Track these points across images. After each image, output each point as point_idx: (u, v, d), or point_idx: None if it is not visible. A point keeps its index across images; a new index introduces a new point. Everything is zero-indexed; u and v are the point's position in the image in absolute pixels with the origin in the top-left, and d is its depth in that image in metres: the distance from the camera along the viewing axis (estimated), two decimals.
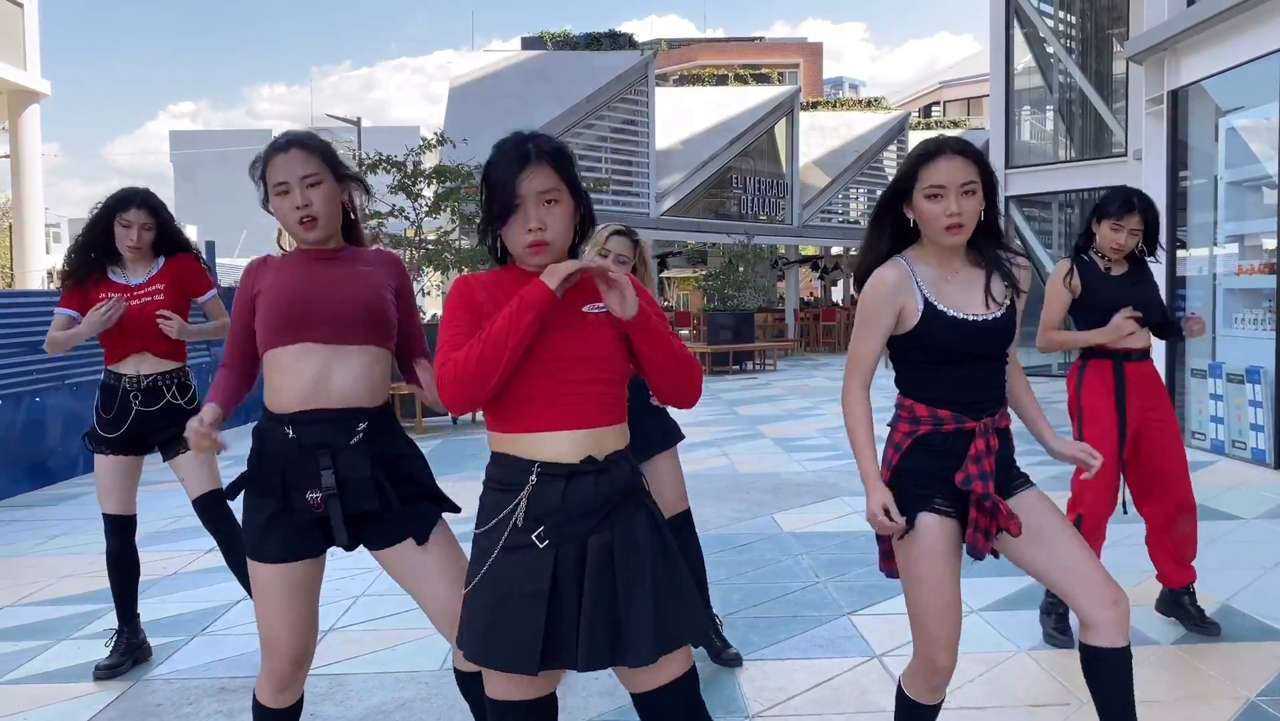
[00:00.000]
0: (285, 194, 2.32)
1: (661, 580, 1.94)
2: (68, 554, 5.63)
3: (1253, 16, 7.46)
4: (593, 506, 1.92)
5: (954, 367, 2.34)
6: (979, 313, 2.32)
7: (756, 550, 5.32)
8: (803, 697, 3.35)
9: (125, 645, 3.76)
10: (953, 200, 2.26)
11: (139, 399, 3.67)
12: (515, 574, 1.91)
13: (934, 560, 2.30)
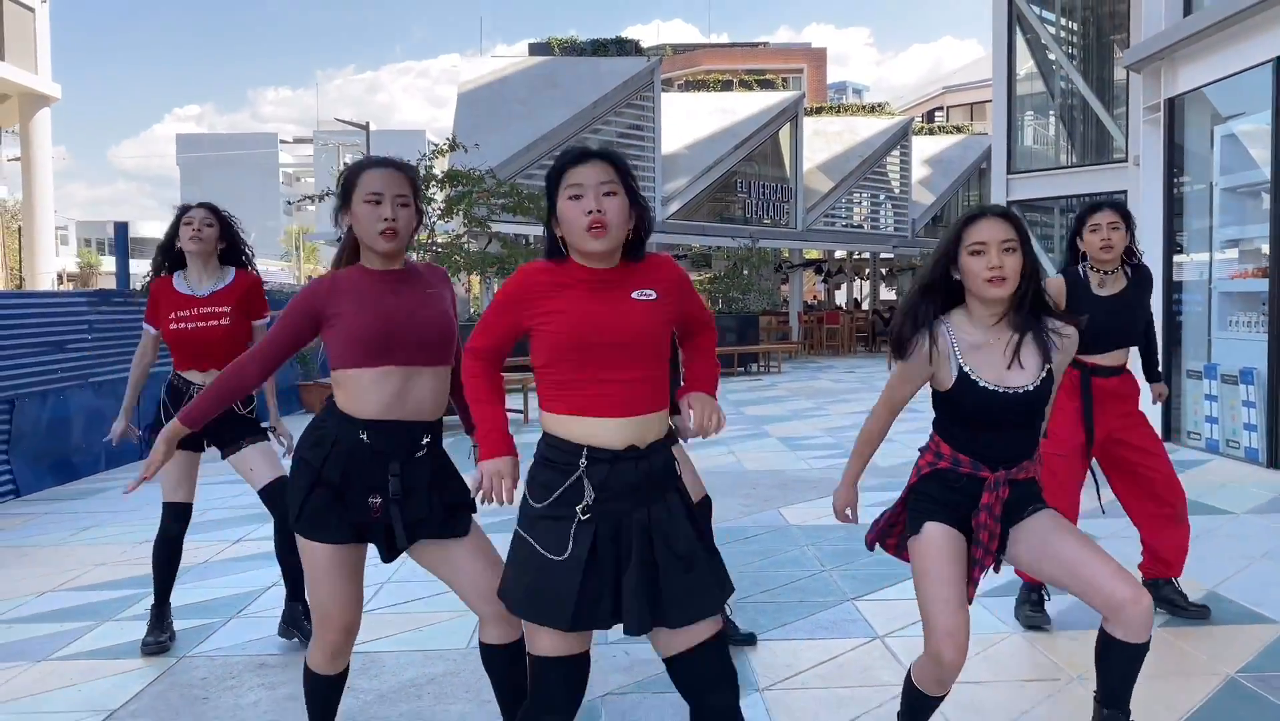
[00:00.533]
0: (376, 204, 2.45)
1: (699, 552, 2.17)
2: (100, 544, 5.84)
3: (1246, 27, 7.66)
4: (633, 487, 2.14)
5: (982, 429, 2.55)
6: (1014, 385, 2.50)
7: (764, 541, 5.53)
8: (809, 673, 3.57)
9: (155, 618, 3.96)
10: (994, 254, 2.47)
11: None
12: (557, 540, 2.13)
13: (939, 557, 2.51)
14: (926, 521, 2.55)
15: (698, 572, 2.15)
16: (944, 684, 2.59)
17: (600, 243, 2.12)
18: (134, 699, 3.46)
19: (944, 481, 2.59)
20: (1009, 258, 2.48)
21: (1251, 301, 7.95)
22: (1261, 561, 4.92)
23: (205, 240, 3.86)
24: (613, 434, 2.15)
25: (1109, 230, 3.80)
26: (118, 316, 9.38)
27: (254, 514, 6.37)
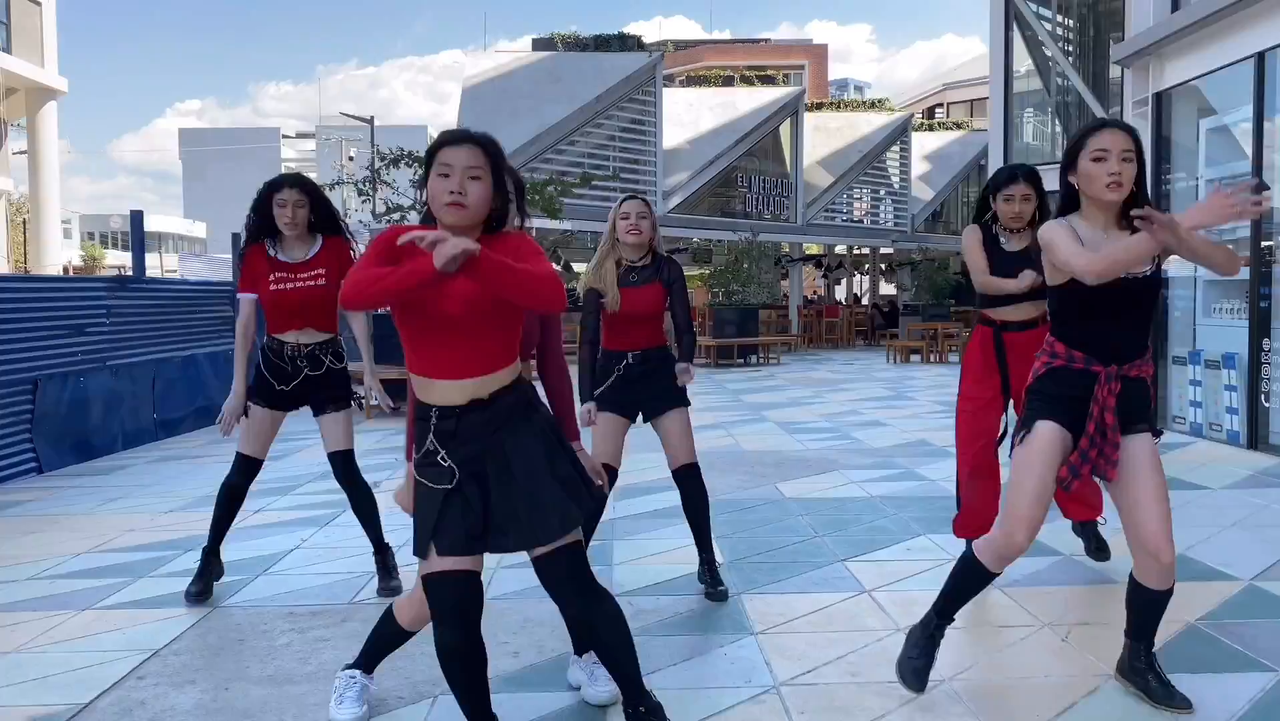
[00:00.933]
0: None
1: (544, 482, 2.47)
2: (128, 513, 6.12)
3: (1230, 24, 7.93)
4: (482, 432, 2.46)
5: (1096, 318, 2.84)
6: (1132, 272, 2.77)
7: (760, 512, 5.81)
8: (801, 620, 3.85)
9: (204, 564, 4.25)
10: (1114, 161, 2.76)
11: (305, 364, 4.15)
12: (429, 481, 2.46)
13: (1040, 456, 2.86)
14: (1039, 420, 2.88)
15: (555, 494, 2.45)
16: (1003, 561, 2.95)
17: (454, 218, 2.42)
18: (176, 640, 3.74)
19: (1059, 378, 2.89)
20: (1127, 166, 2.77)
21: (1233, 289, 8.22)
22: (1232, 529, 5.20)
23: (299, 224, 4.10)
24: (455, 394, 2.44)
25: (1021, 202, 4.07)
26: (135, 302, 9.66)
27: (273, 488, 6.65)
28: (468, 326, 2.40)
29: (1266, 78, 7.64)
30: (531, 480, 2.46)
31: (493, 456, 2.45)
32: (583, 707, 3.07)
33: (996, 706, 3.05)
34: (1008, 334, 4.16)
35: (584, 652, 3.11)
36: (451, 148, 2.44)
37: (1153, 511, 2.82)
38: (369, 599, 4.25)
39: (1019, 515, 2.86)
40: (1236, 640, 3.55)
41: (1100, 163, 2.78)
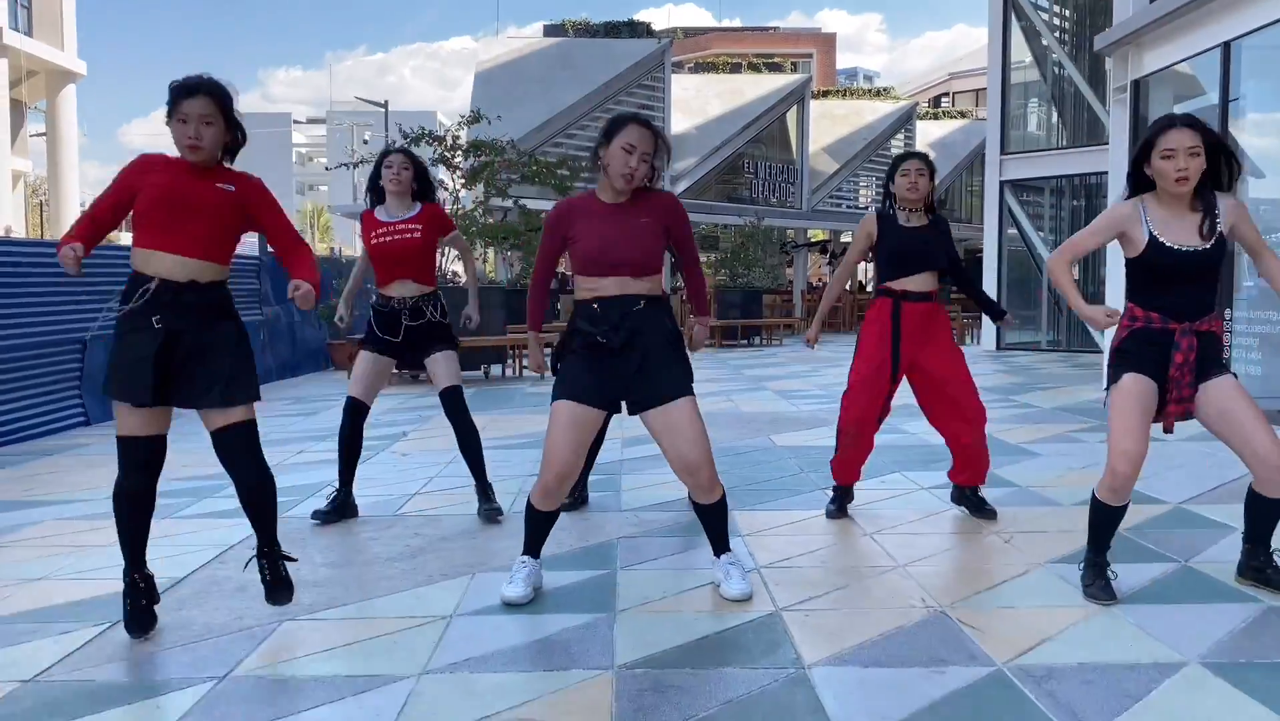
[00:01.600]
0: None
1: (240, 359, 3.14)
2: (181, 452, 6.68)
3: (1199, 15, 8.48)
4: (193, 314, 3.06)
5: (1167, 285, 3.31)
6: (1194, 245, 3.27)
7: (753, 456, 6.43)
8: (781, 528, 4.47)
9: (341, 501, 4.78)
10: (1181, 158, 3.22)
11: (408, 316, 4.70)
12: (140, 341, 3.03)
13: (1131, 398, 3.31)
14: (1125, 373, 3.35)
15: (226, 373, 3.09)
16: (1118, 493, 3.38)
17: (195, 157, 3.08)
18: (245, 539, 4.36)
19: (1140, 338, 3.36)
20: (1193, 161, 3.23)
21: None
22: (1177, 470, 5.79)
23: (403, 182, 4.70)
24: (178, 269, 3.05)
25: (915, 175, 4.41)
26: None
27: (312, 435, 7.27)
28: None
29: (1232, 66, 8.20)
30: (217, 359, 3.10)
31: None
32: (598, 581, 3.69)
33: (939, 584, 3.66)
34: (906, 303, 4.40)
35: (721, 555, 3.60)
36: (188, 99, 3.08)
37: (1259, 432, 3.27)
38: (412, 512, 4.88)
39: (1119, 450, 3.30)
40: (1150, 541, 4.17)
41: (1169, 160, 3.23)
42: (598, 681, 2.76)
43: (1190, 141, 3.23)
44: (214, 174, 3.16)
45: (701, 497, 3.51)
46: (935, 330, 4.46)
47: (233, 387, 3.10)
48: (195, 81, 3.10)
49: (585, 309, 3.46)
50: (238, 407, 3.13)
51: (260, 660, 2.95)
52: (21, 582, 3.76)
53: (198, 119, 3.06)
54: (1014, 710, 2.55)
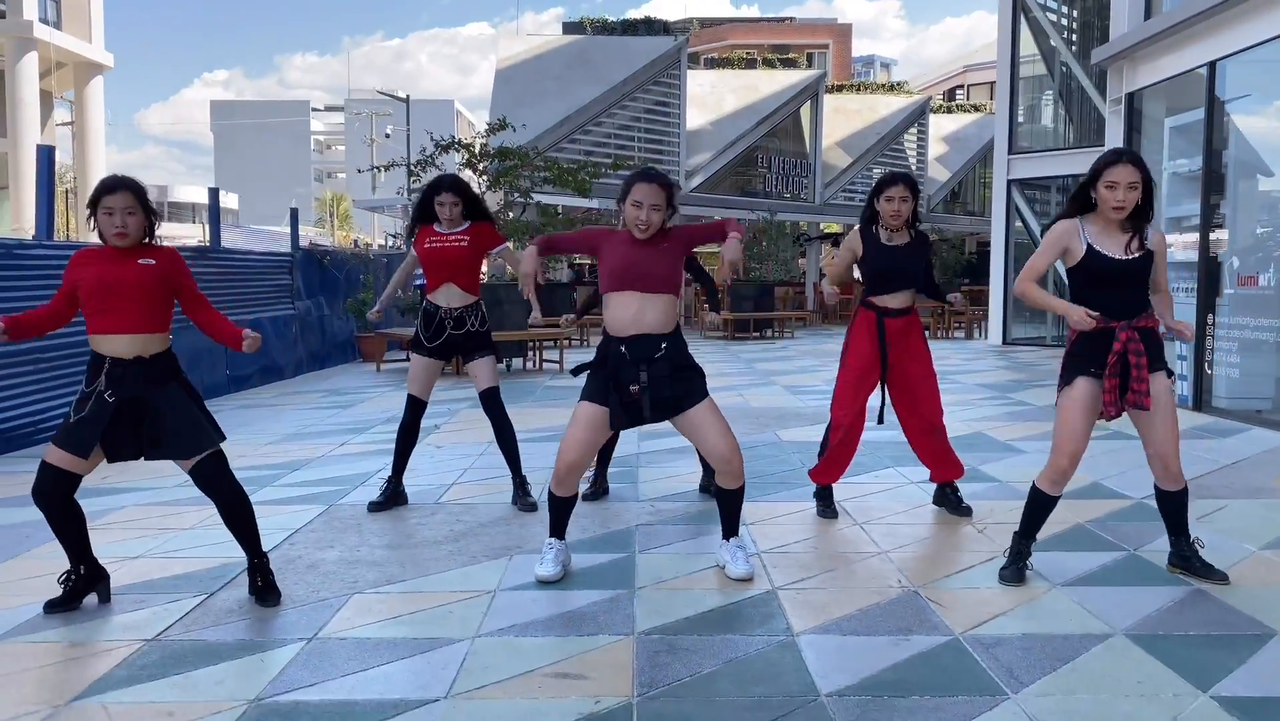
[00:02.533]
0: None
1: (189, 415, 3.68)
2: (234, 445, 7.31)
3: (1188, 35, 8.96)
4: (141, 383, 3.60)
5: (1102, 288, 3.83)
6: (1123, 256, 3.81)
7: (760, 450, 6.98)
8: (782, 518, 5.03)
9: (392, 491, 5.32)
10: (1122, 191, 3.76)
11: (451, 324, 5.23)
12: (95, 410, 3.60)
13: (1077, 405, 3.87)
14: (1076, 376, 3.89)
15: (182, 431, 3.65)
16: (1057, 485, 3.95)
17: (122, 243, 3.63)
18: (309, 524, 4.97)
19: (1087, 337, 3.81)
20: (1131, 193, 3.75)
21: (1186, 272, 9.28)
22: (1141, 469, 6.26)
23: (454, 217, 5.21)
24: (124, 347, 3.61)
25: (900, 203, 4.75)
26: (212, 269, 10.91)
27: (350, 428, 7.87)
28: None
29: (1216, 84, 8.67)
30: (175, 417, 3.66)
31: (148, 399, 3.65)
32: (614, 565, 4.26)
33: (915, 567, 4.22)
34: (888, 319, 4.85)
35: (728, 538, 4.15)
36: (109, 195, 3.64)
37: (1163, 432, 3.85)
38: (452, 500, 5.46)
39: (1064, 448, 3.87)
40: (1108, 532, 4.72)
41: (1111, 190, 3.77)
42: (621, 644, 3.33)
43: (1131, 177, 3.76)
44: (137, 253, 3.69)
45: (728, 483, 4.08)
46: (912, 339, 4.97)
47: (194, 444, 3.69)
48: (115, 181, 3.69)
49: (615, 350, 3.92)
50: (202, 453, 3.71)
51: (340, 625, 3.53)
52: (123, 560, 4.35)
53: (122, 210, 3.61)
54: (962, 669, 3.12)
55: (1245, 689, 2.96)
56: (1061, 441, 3.90)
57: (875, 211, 4.88)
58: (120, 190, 3.65)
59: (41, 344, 7.46)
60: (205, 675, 3.11)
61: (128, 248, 3.67)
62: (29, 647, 3.35)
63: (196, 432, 3.69)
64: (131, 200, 3.66)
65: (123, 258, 3.66)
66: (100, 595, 3.84)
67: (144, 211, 3.70)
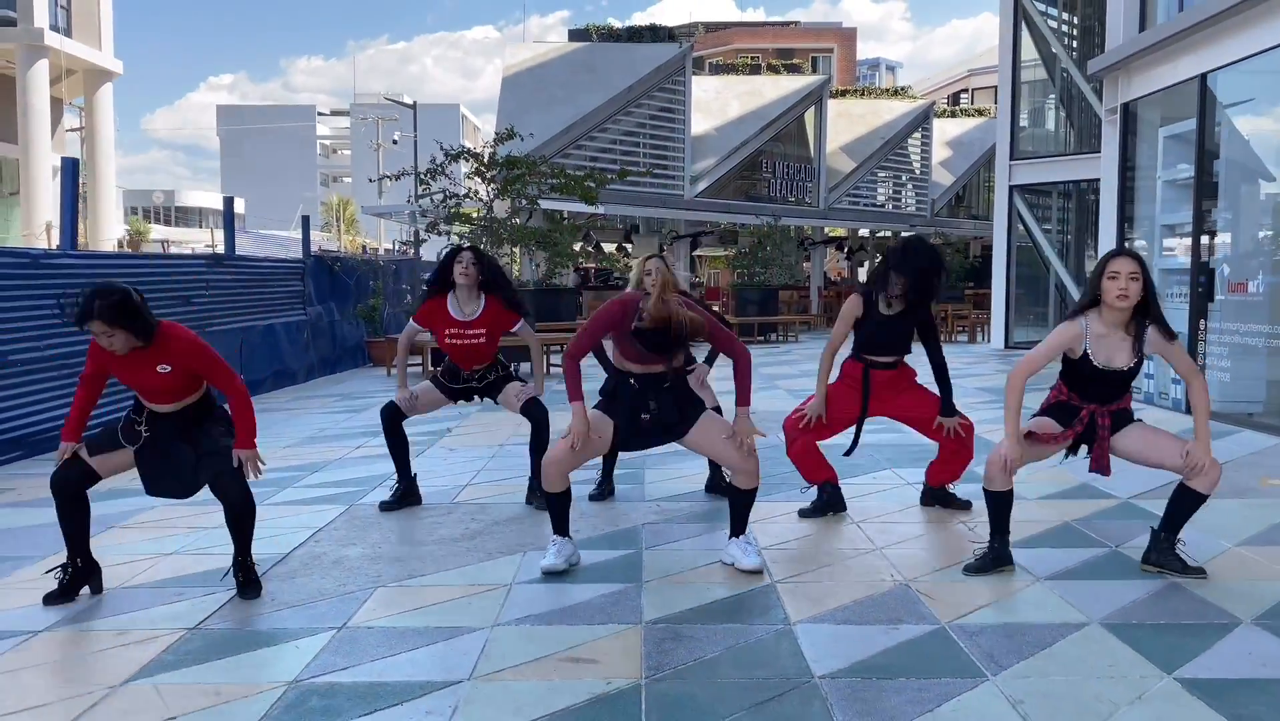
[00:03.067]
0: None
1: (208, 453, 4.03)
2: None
3: (1179, 48, 9.18)
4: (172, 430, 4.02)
5: (1089, 385, 4.19)
6: (1117, 365, 4.09)
7: (762, 453, 7.18)
8: (781, 517, 5.28)
9: (402, 492, 5.57)
10: (1123, 280, 4.01)
11: (476, 382, 5.54)
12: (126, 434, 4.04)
13: (1037, 425, 4.27)
14: (1044, 416, 4.29)
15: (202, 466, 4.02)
16: (992, 481, 4.20)
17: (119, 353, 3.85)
18: (331, 523, 5.22)
19: (1061, 407, 4.27)
20: (1133, 284, 4.00)
21: (1179, 278, 9.51)
22: (1137, 469, 6.53)
23: (470, 276, 5.39)
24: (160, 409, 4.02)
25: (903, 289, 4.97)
26: (227, 277, 11.18)
27: (363, 430, 8.12)
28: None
29: (1208, 96, 8.90)
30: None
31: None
32: (624, 560, 4.50)
33: (907, 563, 4.45)
34: (874, 371, 5.21)
35: (737, 535, 4.43)
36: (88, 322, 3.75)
37: (1172, 451, 4.14)
38: (467, 500, 5.71)
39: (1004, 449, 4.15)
40: (1092, 530, 4.95)
41: (1113, 280, 4.03)
42: (630, 632, 3.58)
43: (1131, 268, 4.03)
44: (150, 358, 3.90)
45: (744, 483, 4.40)
46: (902, 385, 5.26)
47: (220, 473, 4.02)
48: (84, 310, 3.75)
49: (625, 384, 4.35)
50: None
51: (367, 615, 3.78)
52: (159, 556, 4.61)
53: (103, 335, 3.79)
54: (946, 654, 3.35)
55: (1208, 671, 3.19)
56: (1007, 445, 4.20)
57: (886, 278, 5.05)
58: (91, 320, 3.75)
59: (65, 351, 7.73)
60: (246, 659, 3.36)
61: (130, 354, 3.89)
62: (80, 635, 3.61)
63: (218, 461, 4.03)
64: (103, 327, 3.75)
65: (141, 362, 3.90)
66: (93, 587, 4.09)
67: (123, 329, 3.78)
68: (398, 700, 3.04)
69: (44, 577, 4.15)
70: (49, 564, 4.49)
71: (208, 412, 4.11)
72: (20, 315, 7.42)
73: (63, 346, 7.74)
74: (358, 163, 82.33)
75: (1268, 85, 8.60)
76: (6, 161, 33.59)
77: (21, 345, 7.38)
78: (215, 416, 4.12)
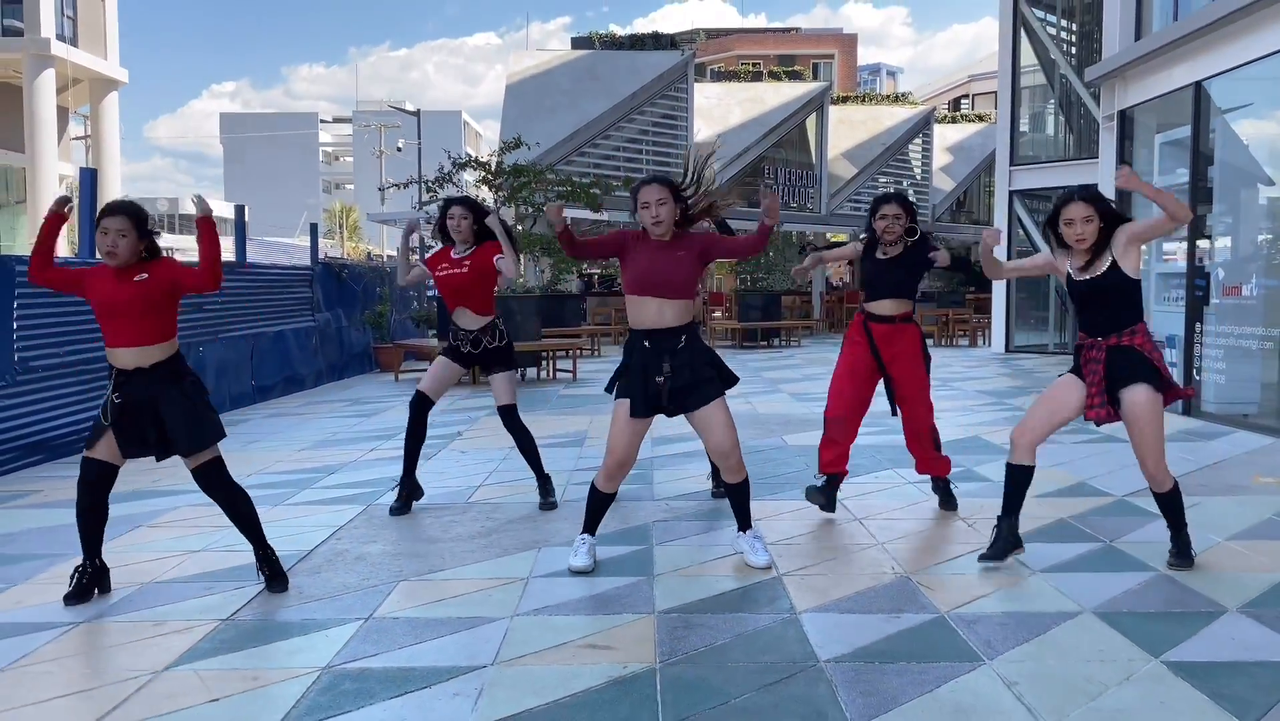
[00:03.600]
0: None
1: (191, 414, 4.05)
2: (269, 451, 7.78)
3: (1174, 56, 9.37)
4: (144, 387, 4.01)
5: (1080, 309, 4.32)
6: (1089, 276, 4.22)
7: (767, 454, 7.40)
8: (786, 514, 5.45)
9: (406, 494, 5.68)
10: (1078, 225, 4.18)
11: (466, 346, 5.64)
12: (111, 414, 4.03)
13: (1053, 390, 4.40)
14: (1068, 373, 4.38)
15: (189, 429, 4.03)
16: (1014, 453, 4.39)
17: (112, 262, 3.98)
18: (351, 521, 5.39)
19: (1078, 351, 4.37)
20: (1088, 226, 4.15)
21: (1176, 282, 9.68)
22: (1128, 469, 6.69)
23: (463, 230, 5.59)
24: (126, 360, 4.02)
25: (893, 220, 5.23)
26: (240, 285, 11.38)
27: (377, 435, 8.30)
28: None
29: (1202, 103, 9.08)
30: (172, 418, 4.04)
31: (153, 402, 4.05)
32: (637, 556, 4.68)
33: (908, 556, 4.63)
34: (871, 323, 5.33)
35: (745, 530, 4.56)
36: (107, 217, 3.95)
37: (1138, 440, 4.23)
38: (481, 500, 5.89)
39: (1024, 423, 4.39)
40: (1088, 526, 5.12)
41: (1070, 226, 4.22)
42: (643, 621, 3.75)
43: (1085, 212, 4.20)
44: (132, 270, 4.02)
45: (729, 477, 4.49)
46: (901, 345, 5.34)
47: (193, 440, 4.05)
48: (113, 205, 4.04)
49: (639, 344, 4.35)
50: (204, 451, 4.09)
51: (391, 607, 3.96)
52: (187, 553, 4.78)
53: (115, 231, 3.95)
54: (944, 641, 3.53)
55: (1192, 655, 3.37)
56: (1028, 415, 4.45)
57: (873, 231, 5.35)
58: (116, 214, 3.98)
59: (85, 356, 7.92)
60: (279, 647, 3.54)
61: (120, 267, 4.00)
62: (121, 625, 3.79)
63: (199, 430, 4.07)
64: (125, 224, 3.96)
65: (121, 277, 4.01)
66: (101, 588, 4.21)
67: (138, 234, 3.99)
68: (426, 683, 3.21)
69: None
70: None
71: (176, 377, 4.08)
72: (41, 321, 7.60)
73: (83, 352, 7.93)
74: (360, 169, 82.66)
75: (1261, 92, 8.78)
76: (13, 170, 33.91)
77: (42, 351, 7.56)
78: (187, 381, 4.11)
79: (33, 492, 6.28)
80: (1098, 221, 4.20)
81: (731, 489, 4.54)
